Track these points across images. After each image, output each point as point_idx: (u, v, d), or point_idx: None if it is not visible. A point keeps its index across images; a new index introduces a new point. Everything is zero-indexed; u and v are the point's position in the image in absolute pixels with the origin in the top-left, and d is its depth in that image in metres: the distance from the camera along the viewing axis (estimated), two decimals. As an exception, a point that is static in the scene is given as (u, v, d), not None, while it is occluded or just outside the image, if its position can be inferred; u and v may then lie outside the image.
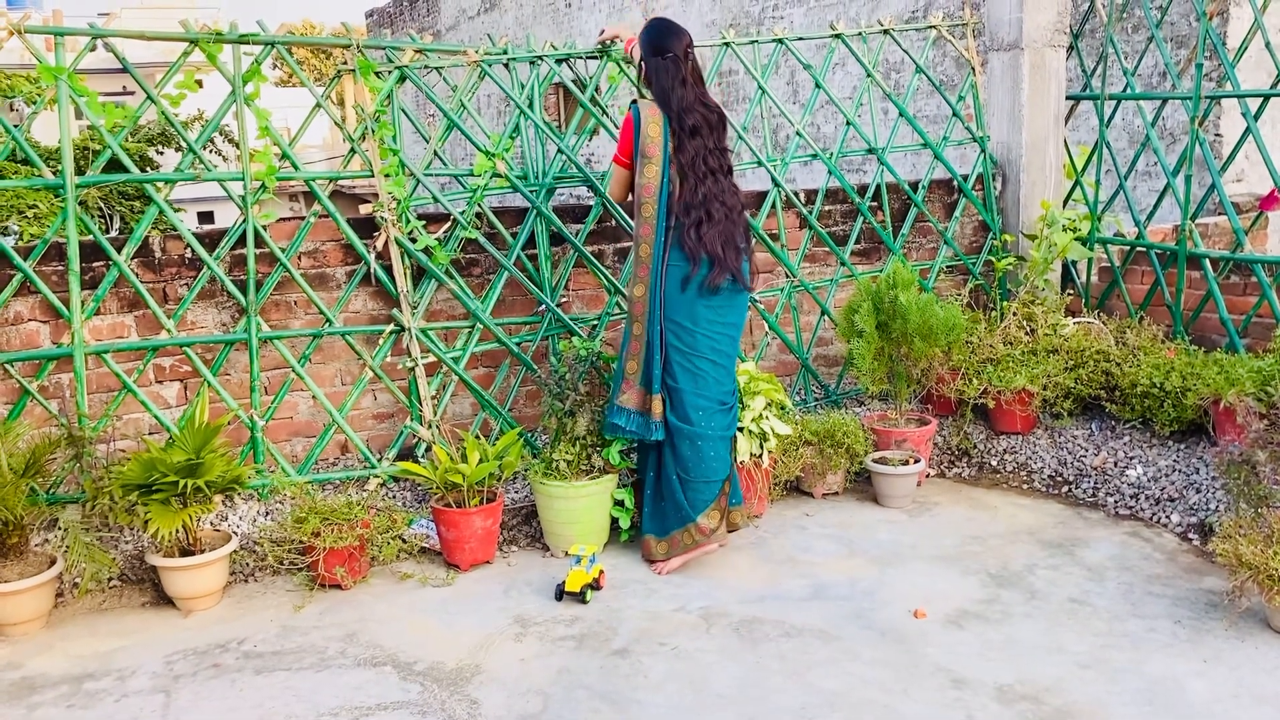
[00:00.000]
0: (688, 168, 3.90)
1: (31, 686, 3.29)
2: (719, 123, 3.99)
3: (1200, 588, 3.70)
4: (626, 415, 4.03)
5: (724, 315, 3.99)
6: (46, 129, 14.95)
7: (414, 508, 4.41)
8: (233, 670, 3.36)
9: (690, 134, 3.90)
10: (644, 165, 3.92)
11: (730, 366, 4.06)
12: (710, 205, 3.89)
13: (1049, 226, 5.37)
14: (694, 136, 3.90)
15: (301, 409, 4.65)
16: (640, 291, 3.97)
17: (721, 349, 3.99)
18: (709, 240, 3.86)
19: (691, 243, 3.86)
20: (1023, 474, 4.83)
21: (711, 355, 3.98)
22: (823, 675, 3.22)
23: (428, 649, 3.45)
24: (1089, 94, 5.63)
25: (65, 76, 3.96)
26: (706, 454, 3.96)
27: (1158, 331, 5.09)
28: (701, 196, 3.88)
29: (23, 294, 4.08)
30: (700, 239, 3.86)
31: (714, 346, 3.98)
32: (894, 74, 9.49)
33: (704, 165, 3.92)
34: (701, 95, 3.98)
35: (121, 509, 3.79)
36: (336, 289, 4.59)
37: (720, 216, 3.90)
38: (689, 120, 3.90)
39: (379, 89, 4.45)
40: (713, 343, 3.97)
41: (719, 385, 4.01)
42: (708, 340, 3.96)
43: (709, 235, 3.86)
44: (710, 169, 3.93)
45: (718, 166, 3.95)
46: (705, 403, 3.97)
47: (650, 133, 3.91)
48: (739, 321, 4.08)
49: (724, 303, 3.96)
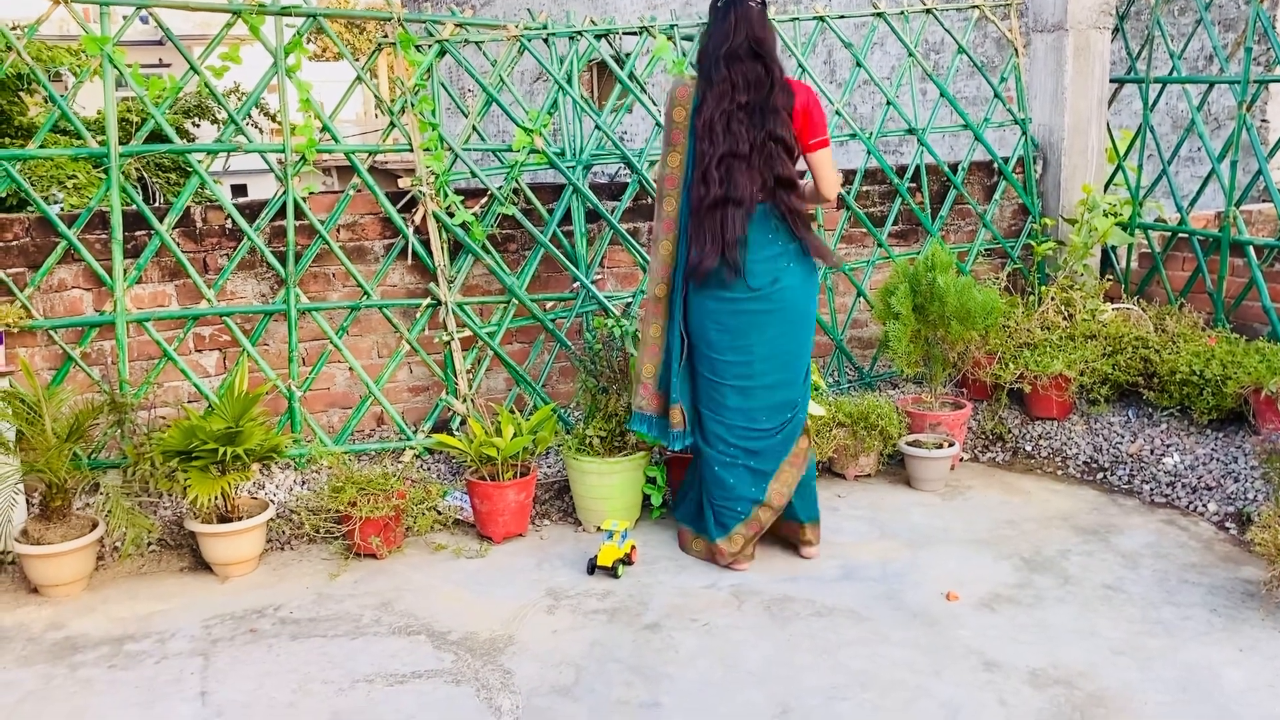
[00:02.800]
0: (703, 130, 3.44)
1: (74, 646, 3.36)
2: (765, 79, 3.43)
3: (1237, 577, 3.67)
4: (646, 421, 3.82)
5: (745, 337, 3.56)
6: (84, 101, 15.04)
7: (448, 480, 4.45)
8: (269, 636, 3.41)
9: (716, 86, 3.43)
10: (668, 153, 3.59)
11: (766, 395, 3.64)
12: (698, 187, 3.47)
13: (1089, 211, 5.31)
14: (719, 88, 3.42)
15: (339, 380, 4.70)
16: (661, 292, 3.67)
17: (751, 374, 3.61)
18: (692, 228, 3.51)
19: (690, 234, 3.50)
20: (1057, 460, 4.80)
21: (735, 382, 3.63)
22: (853, 655, 3.22)
23: (461, 619, 3.49)
24: (1134, 77, 5.55)
25: (109, 47, 4.00)
26: (726, 480, 3.71)
27: (1198, 319, 5.03)
28: (702, 171, 3.46)
29: (67, 262, 4.14)
30: (690, 224, 3.50)
31: (739, 373, 3.62)
32: (933, 54, 9.39)
33: (721, 126, 3.42)
34: (758, 46, 3.44)
35: (162, 475, 3.84)
36: (374, 262, 4.62)
37: (706, 196, 3.46)
38: (719, 74, 3.42)
39: (419, 63, 4.46)
40: (736, 368, 3.61)
41: (744, 416, 3.66)
42: (729, 365, 3.62)
43: (692, 223, 3.50)
44: (727, 130, 3.42)
45: (740, 131, 3.43)
46: (725, 431, 3.69)
47: (675, 117, 3.53)
48: (776, 344, 3.58)
49: (745, 323, 3.55)
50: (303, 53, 4.33)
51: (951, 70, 5.73)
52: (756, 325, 3.59)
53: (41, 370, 4.10)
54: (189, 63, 4.17)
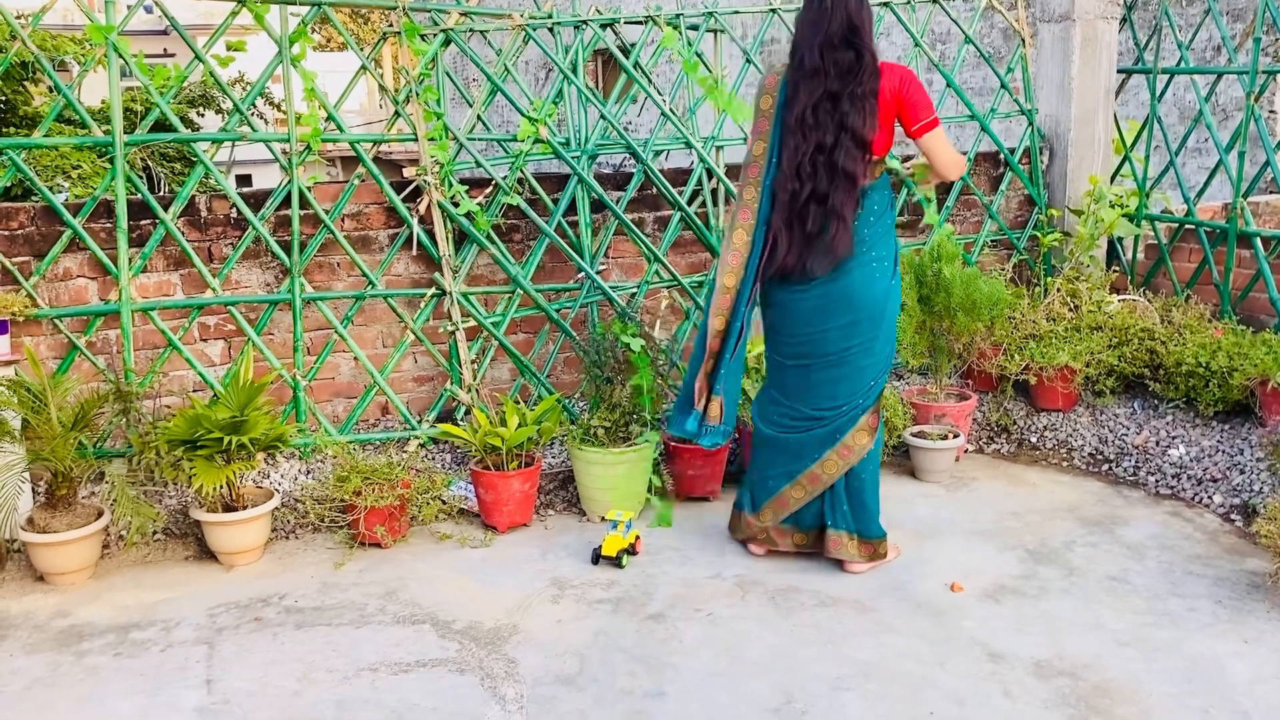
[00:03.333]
0: (794, 123, 3.34)
1: (80, 634, 3.37)
2: (855, 66, 3.30)
3: (1242, 569, 3.66)
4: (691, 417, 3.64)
5: (805, 325, 3.50)
6: (87, 91, 15.03)
7: (453, 470, 4.45)
8: (274, 624, 3.41)
9: (809, 76, 3.31)
10: (754, 142, 3.49)
11: (819, 386, 3.55)
12: (790, 181, 3.37)
13: (1096, 202, 5.29)
14: (812, 78, 3.31)
15: (343, 370, 4.70)
16: (732, 282, 3.52)
17: (808, 362, 3.54)
18: (777, 222, 3.42)
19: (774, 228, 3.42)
20: (1063, 451, 4.80)
21: (792, 363, 3.58)
22: (858, 646, 3.22)
23: (466, 608, 3.49)
24: (1141, 68, 5.53)
25: (114, 35, 3.99)
26: (766, 455, 3.69)
27: (1204, 311, 5.01)
28: (794, 163, 3.36)
29: (72, 251, 4.14)
30: (775, 219, 3.42)
31: (797, 355, 3.56)
32: (939, 44, 9.36)
33: (811, 118, 3.32)
34: (854, 34, 3.30)
35: (167, 464, 3.85)
36: (379, 252, 4.62)
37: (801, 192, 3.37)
38: (812, 62, 3.29)
39: (424, 52, 4.44)
40: (796, 352, 3.55)
41: (797, 398, 3.59)
42: (789, 347, 3.57)
43: (778, 218, 3.42)
44: (815, 123, 3.32)
45: (827, 122, 3.32)
46: (775, 408, 3.66)
47: (763, 105, 3.45)
48: (831, 336, 3.49)
49: (806, 310, 3.48)
50: (307, 42, 4.32)
51: (958, 61, 5.71)
52: (815, 316, 3.49)
53: (47, 359, 4.10)
54: (194, 51, 4.16)
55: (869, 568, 3.69)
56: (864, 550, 3.68)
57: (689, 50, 4.86)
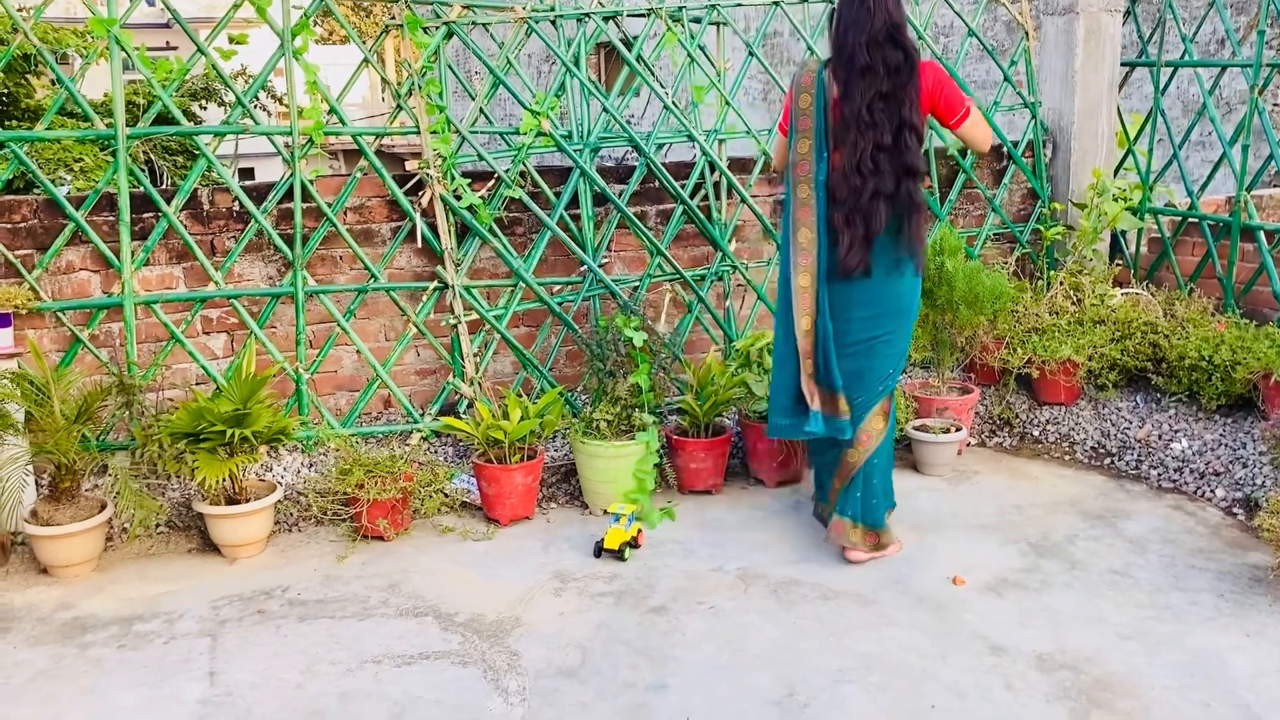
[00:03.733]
0: (852, 121, 3.39)
1: (83, 627, 3.38)
2: (904, 65, 3.37)
3: (1245, 563, 3.66)
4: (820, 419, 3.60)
5: (871, 307, 3.54)
6: (89, 84, 15.01)
7: (456, 463, 4.46)
8: (277, 617, 3.42)
9: (860, 74, 3.36)
10: (798, 140, 3.50)
11: (872, 360, 3.60)
12: (852, 178, 3.40)
13: (1099, 195, 5.29)
14: (864, 76, 3.36)
15: (346, 363, 4.70)
16: (806, 282, 3.52)
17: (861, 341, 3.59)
18: (838, 220, 3.45)
19: (833, 220, 3.46)
20: (1065, 445, 4.79)
21: (850, 348, 3.59)
22: (859, 639, 3.22)
23: (468, 601, 3.50)
24: (1145, 60, 5.52)
25: (116, 28, 3.99)
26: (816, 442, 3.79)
27: (1207, 304, 5.01)
28: (855, 161, 3.39)
29: (74, 244, 4.14)
30: (835, 217, 3.45)
31: (855, 339, 3.59)
32: (943, 37, 9.35)
33: (868, 116, 3.37)
34: (897, 31, 3.36)
35: (170, 457, 3.85)
36: (381, 245, 4.62)
37: (864, 189, 3.40)
38: (862, 60, 3.34)
39: (426, 44, 4.44)
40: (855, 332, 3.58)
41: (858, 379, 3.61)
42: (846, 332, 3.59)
43: (839, 216, 3.45)
44: (871, 122, 3.38)
45: (884, 120, 3.38)
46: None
47: (802, 104, 3.46)
48: (887, 310, 3.56)
49: (867, 295, 3.53)
50: (309, 34, 4.32)
51: (961, 54, 5.70)
52: (847, 308, 3.56)
53: (50, 352, 4.10)
54: (195, 44, 4.16)
55: (869, 557, 3.70)
56: (868, 539, 3.70)
57: (692, 44, 4.86)
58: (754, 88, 11.39)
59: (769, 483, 4.44)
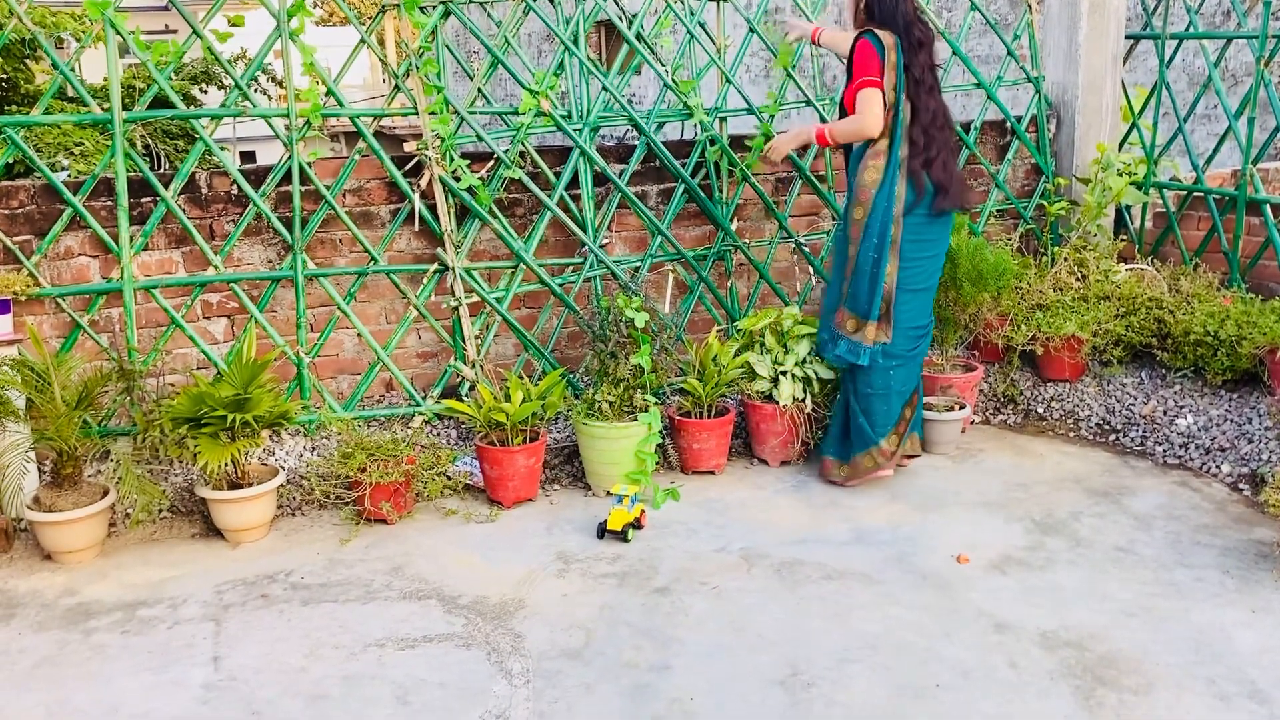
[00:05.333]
0: (919, 84, 3.94)
1: (87, 612, 3.38)
2: (932, 40, 4.02)
3: (1250, 538, 3.65)
4: (848, 343, 4.08)
5: (936, 247, 4.10)
6: (88, 68, 14.97)
7: (458, 445, 4.45)
8: (281, 601, 3.42)
9: (918, 47, 3.94)
10: (888, 91, 3.93)
11: (930, 295, 4.19)
12: (932, 130, 3.95)
13: (1104, 170, 5.24)
14: (920, 50, 3.94)
15: (347, 346, 4.69)
16: (860, 215, 3.99)
17: (925, 281, 4.11)
18: (936, 168, 3.95)
19: (918, 170, 3.93)
20: (1070, 422, 4.77)
21: (912, 286, 4.06)
22: (864, 618, 3.22)
23: (472, 583, 3.50)
24: (1149, 33, 5.46)
25: (110, 11, 3.96)
26: (895, 377, 4.10)
27: (1213, 279, 4.97)
28: (930, 118, 3.94)
29: (73, 229, 4.12)
30: (929, 165, 3.94)
31: (915, 276, 4.05)
32: (945, 12, 9.27)
33: (931, 78, 3.98)
34: (919, 10, 4.08)
35: (171, 442, 3.85)
36: (381, 227, 4.59)
37: (943, 140, 3.98)
38: (915, 33, 3.93)
39: (423, 24, 4.40)
40: (918, 274, 4.06)
41: (920, 314, 4.13)
42: (913, 273, 4.03)
43: (937, 162, 3.95)
44: (931, 85, 3.98)
45: (935, 83, 4.00)
46: (900, 330, 4.07)
47: (890, 58, 3.92)
48: (944, 251, 4.19)
49: (937, 235, 4.07)
50: (306, 15, 4.29)
51: (964, 28, 5.64)
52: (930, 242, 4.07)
53: (50, 338, 4.10)
54: (191, 26, 4.13)
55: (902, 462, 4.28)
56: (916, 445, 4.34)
57: (692, 20, 4.81)
58: (757, 64, 11.31)
59: (772, 463, 4.43)
